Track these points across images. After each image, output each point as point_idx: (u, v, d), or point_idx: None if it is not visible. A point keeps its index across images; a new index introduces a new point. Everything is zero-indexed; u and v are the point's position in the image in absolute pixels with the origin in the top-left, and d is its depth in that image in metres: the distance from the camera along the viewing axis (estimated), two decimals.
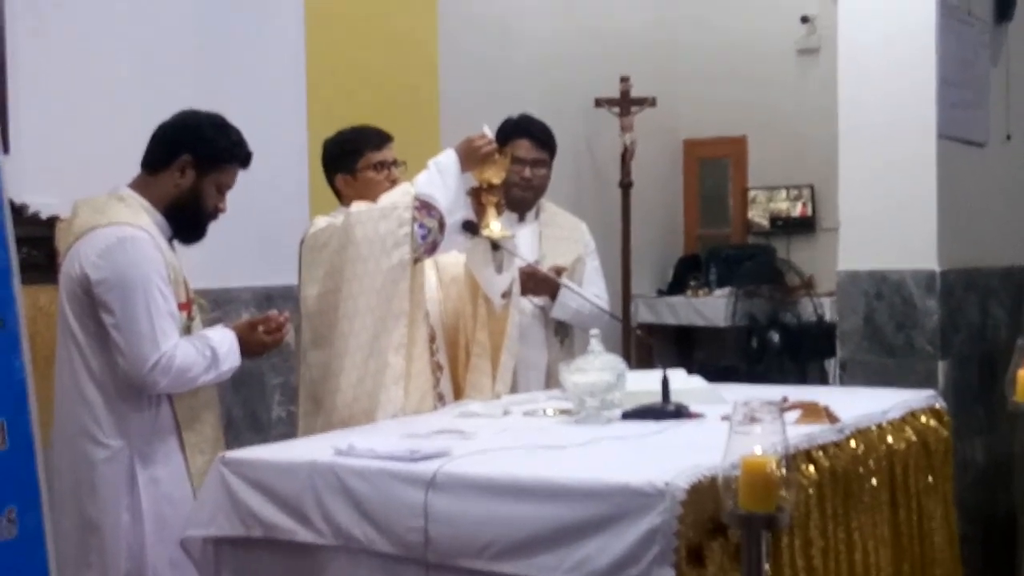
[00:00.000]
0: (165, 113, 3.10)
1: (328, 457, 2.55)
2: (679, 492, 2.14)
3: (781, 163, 7.61)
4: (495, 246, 3.38)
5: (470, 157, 3.33)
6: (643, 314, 7.52)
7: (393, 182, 3.46)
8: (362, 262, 3.18)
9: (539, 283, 3.85)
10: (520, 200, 4.07)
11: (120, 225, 2.91)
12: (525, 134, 4.08)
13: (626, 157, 7.11)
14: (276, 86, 4.55)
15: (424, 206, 3.24)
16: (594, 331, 3.08)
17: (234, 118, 3.12)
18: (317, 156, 3.68)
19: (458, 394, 3.48)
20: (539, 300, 3.99)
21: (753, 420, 2.01)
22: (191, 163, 3.01)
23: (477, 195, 3.42)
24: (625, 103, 7.10)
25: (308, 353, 3.29)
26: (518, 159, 3.97)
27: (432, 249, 3.28)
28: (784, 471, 1.99)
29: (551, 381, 3.91)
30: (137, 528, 2.91)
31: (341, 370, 3.17)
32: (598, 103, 7.09)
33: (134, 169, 3.08)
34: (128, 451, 2.93)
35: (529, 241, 4.00)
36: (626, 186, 7.15)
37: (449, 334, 3.53)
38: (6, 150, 3.58)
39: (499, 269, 3.42)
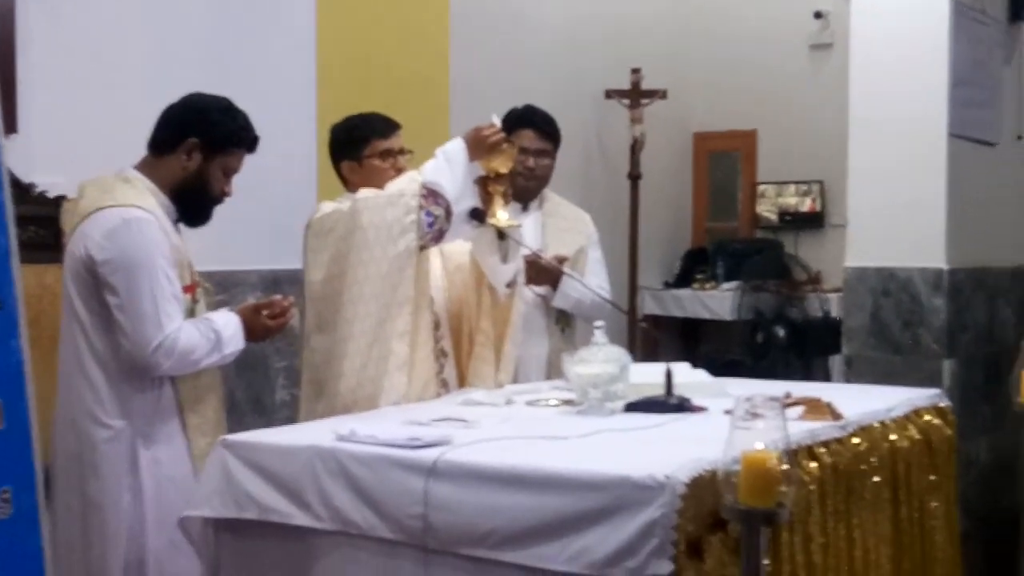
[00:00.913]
0: (174, 96, 3.10)
1: (329, 442, 2.55)
2: (679, 485, 2.13)
3: (791, 158, 7.59)
4: (501, 235, 3.38)
5: (478, 146, 3.33)
6: (649, 306, 7.52)
7: (399, 171, 3.46)
8: (368, 248, 3.18)
9: (541, 272, 3.85)
10: (524, 189, 4.07)
11: (126, 207, 2.92)
12: (529, 124, 4.09)
13: (636, 149, 7.10)
14: (286, 71, 4.54)
15: (431, 194, 3.24)
16: (599, 322, 3.07)
17: (243, 102, 3.12)
18: (326, 141, 3.67)
19: (462, 382, 3.48)
20: (541, 289, 3.99)
21: (755, 415, 2.01)
22: (198, 146, 3.02)
23: (484, 184, 3.41)
24: (636, 95, 7.09)
25: (312, 337, 3.29)
26: (522, 149, 3.98)
27: (438, 237, 3.28)
28: (785, 466, 1.98)
29: (551, 370, 3.92)
30: (138, 509, 2.92)
31: (344, 355, 3.18)
32: (608, 94, 7.08)
33: (141, 151, 3.08)
34: (130, 432, 2.93)
35: (532, 230, 4.00)
36: (635, 178, 7.14)
37: (453, 322, 3.53)
38: (15, 129, 3.58)
39: (504, 258, 3.42)
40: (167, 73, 3.96)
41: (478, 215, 3.35)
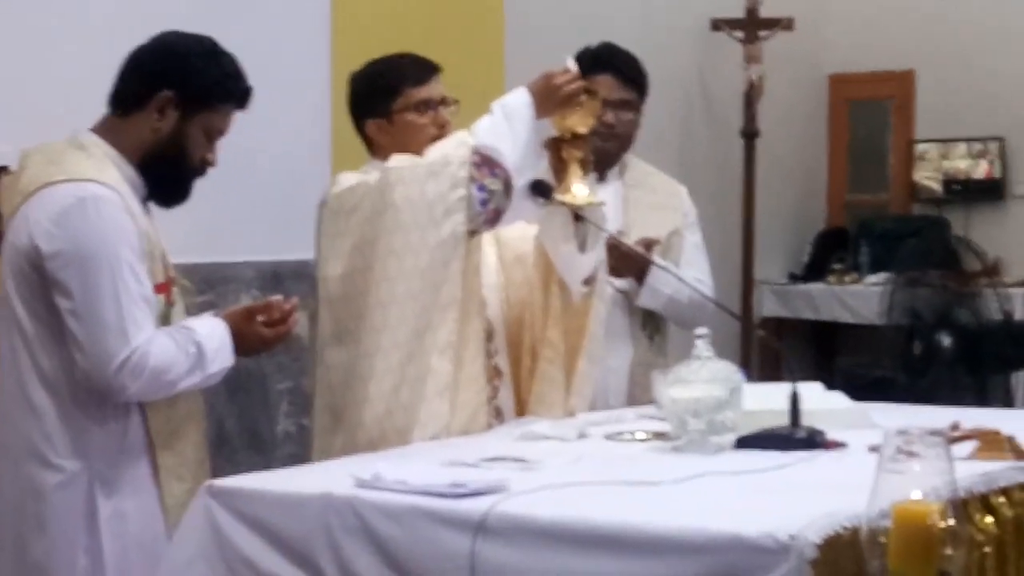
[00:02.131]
0: (144, 38, 3.11)
1: (347, 489, 2.56)
2: (809, 548, 2.13)
3: (960, 108, 7.53)
4: (578, 216, 3.38)
5: (548, 99, 3.33)
6: (769, 307, 7.51)
7: (441, 127, 3.47)
8: (403, 234, 3.20)
9: (622, 260, 3.85)
10: (600, 152, 4.05)
11: (80, 182, 2.94)
12: (608, 68, 4.10)
13: (751, 97, 7.08)
14: (292, 7, 4.58)
15: (485, 162, 3.25)
16: (701, 329, 3.07)
17: (233, 46, 3.13)
18: (342, 97, 3.69)
19: (520, 409, 3.50)
20: (621, 283, 4.00)
21: (911, 454, 2.00)
22: (173, 101, 3.03)
23: (557, 148, 3.42)
24: (752, 25, 7.07)
25: (327, 351, 3.31)
26: None
27: (495, 219, 3.29)
28: (951, 522, 1.97)
29: (635, 391, 3.93)
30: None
31: (371, 375, 3.19)
32: (716, 25, 7.07)
33: (100, 109, 3.10)
34: (87, 476, 2.95)
35: (611, 206, 3.98)
36: (750, 135, 7.12)
37: (512, 331, 3.54)
38: None
39: (582, 246, 3.42)
40: (137, 13, 4.00)
41: (543, 189, 3.35)
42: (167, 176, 3.07)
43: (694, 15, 7.03)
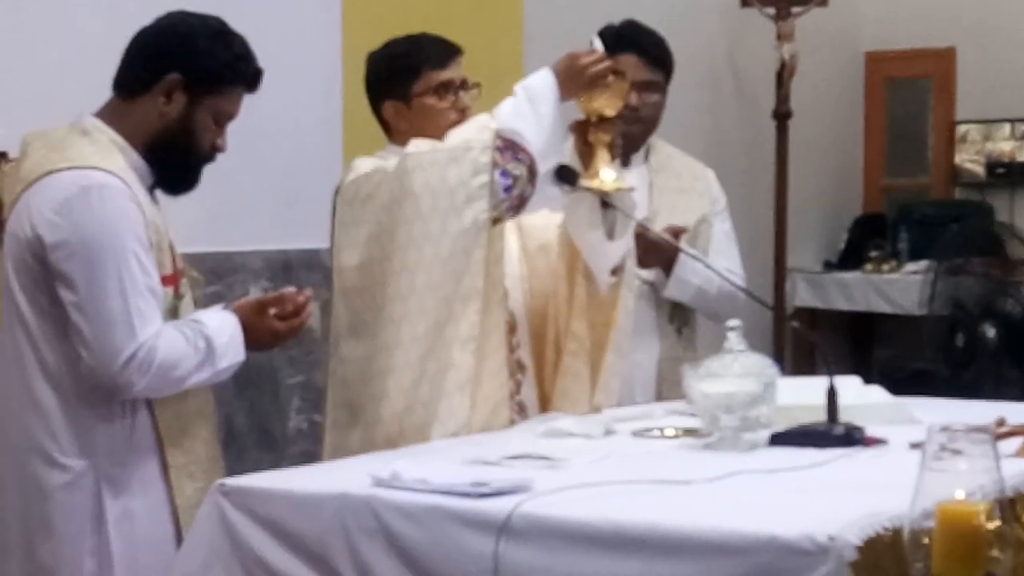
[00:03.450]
0: (150, 18, 3.11)
1: (365, 488, 2.57)
2: (848, 550, 2.13)
3: (1003, 87, 7.50)
4: (606, 202, 3.38)
5: (574, 80, 3.33)
6: (803, 296, 7.48)
7: (462, 111, 3.48)
8: (423, 222, 3.20)
9: (649, 249, 3.85)
10: (624, 136, 4.05)
11: (84, 169, 2.95)
12: (631, 48, 4.08)
13: (784, 76, 7.05)
14: None
15: (509, 146, 3.25)
16: (732, 321, 3.07)
17: (240, 27, 3.14)
18: (354, 77, 3.70)
19: (544, 405, 3.51)
20: (648, 273, 4.00)
21: (955, 451, 1.99)
22: (180, 84, 3.04)
23: (583, 132, 3.43)
24: (784, 1, 7.04)
25: (342, 344, 3.32)
26: None
27: (519, 205, 3.29)
28: (997, 523, 1.97)
29: (664, 386, 3.94)
30: None
31: (390, 369, 3.20)
32: (746, 1, 7.05)
33: (105, 92, 3.11)
34: (94, 475, 2.97)
35: (637, 192, 3.99)
36: (783, 117, 7.09)
37: (535, 323, 3.55)
38: None
39: (610, 234, 3.42)
40: None
41: (568, 176, 3.36)
42: (175, 163, 3.08)
43: None
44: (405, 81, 3.52)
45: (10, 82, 3.81)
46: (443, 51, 3.55)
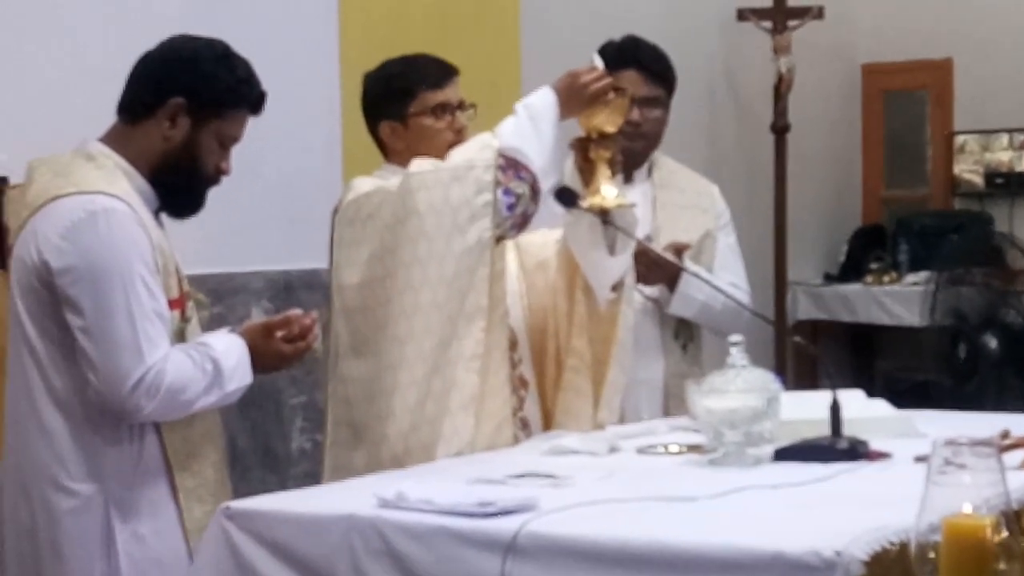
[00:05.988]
0: (151, 43, 3.13)
1: (370, 509, 2.58)
2: (855, 565, 2.14)
3: (1000, 97, 7.51)
4: (606, 219, 3.39)
5: (575, 98, 3.35)
6: (805, 309, 7.48)
7: (459, 132, 3.49)
8: (427, 241, 3.21)
9: (652, 267, 3.86)
10: (627, 152, 4.07)
11: (90, 194, 2.96)
12: (632, 64, 4.08)
13: (781, 90, 7.07)
14: (298, 3, 4.60)
15: (511, 165, 3.26)
16: (735, 337, 3.08)
17: (239, 50, 3.13)
18: (353, 97, 3.71)
19: (547, 421, 3.51)
20: (652, 290, 4.00)
21: (960, 464, 1.99)
22: (184, 108, 3.05)
23: (583, 148, 3.44)
24: (780, 14, 7.06)
25: (342, 362, 3.33)
26: None
27: (522, 223, 3.31)
28: (1004, 536, 1.97)
29: (669, 402, 3.93)
30: None
31: (395, 388, 3.21)
32: (742, 15, 7.06)
33: (109, 118, 3.12)
34: (102, 499, 2.98)
35: (640, 208, 3.99)
36: (781, 130, 7.11)
37: (535, 339, 3.56)
38: None
39: (611, 250, 3.43)
40: (141, 15, 4.02)
41: (567, 197, 3.37)
42: (180, 186, 3.09)
43: (719, 5, 7.00)
44: (401, 102, 3.53)
45: (12, 107, 3.82)
46: (439, 72, 3.56)
